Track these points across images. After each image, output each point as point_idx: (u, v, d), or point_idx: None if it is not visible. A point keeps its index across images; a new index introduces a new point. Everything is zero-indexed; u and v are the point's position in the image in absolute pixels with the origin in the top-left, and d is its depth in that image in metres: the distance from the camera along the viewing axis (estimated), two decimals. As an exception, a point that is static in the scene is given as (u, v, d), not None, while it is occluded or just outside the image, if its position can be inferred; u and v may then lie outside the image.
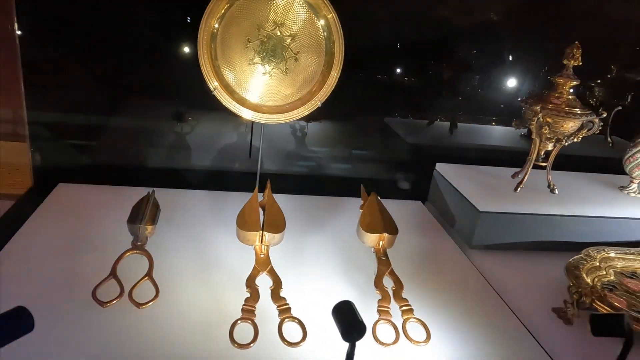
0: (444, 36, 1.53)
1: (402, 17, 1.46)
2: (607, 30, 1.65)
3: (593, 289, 0.86)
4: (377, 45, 1.46)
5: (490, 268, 1.04)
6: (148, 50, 1.18)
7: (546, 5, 1.57)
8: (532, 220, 1.09)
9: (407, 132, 1.56)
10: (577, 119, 1.06)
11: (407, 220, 1.23)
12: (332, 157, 1.53)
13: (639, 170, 1.19)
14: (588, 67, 1.72)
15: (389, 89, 1.54)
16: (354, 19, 1.35)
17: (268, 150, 1.48)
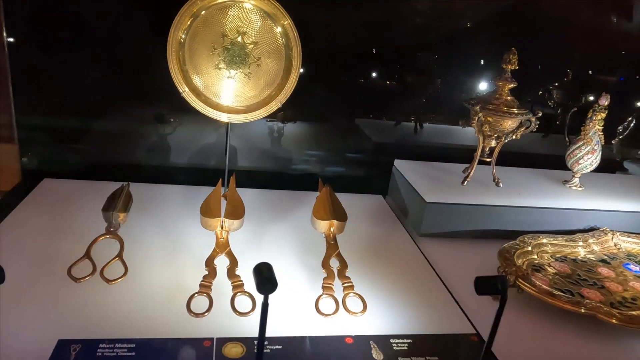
0: (411, 42, 1.64)
1: (374, 23, 1.57)
2: (569, 35, 1.77)
3: (518, 268, 0.97)
4: (351, 50, 1.57)
5: (436, 253, 1.14)
6: (132, 56, 1.28)
7: (510, 11, 1.69)
8: (475, 210, 1.19)
9: (374, 132, 1.66)
10: (515, 118, 1.17)
11: (367, 211, 1.34)
12: (304, 155, 1.64)
13: (578, 166, 1.30)
14: (548, 70, 1.86)
15: (361, 91, 1.65)
16: (327, 25, 1.48)
17: (245, 149, 1.59)
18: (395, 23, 1.58)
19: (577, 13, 1.78)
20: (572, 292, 0.96)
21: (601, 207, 1.28)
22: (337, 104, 1.65)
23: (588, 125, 1.28)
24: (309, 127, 1.70)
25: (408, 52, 1.64)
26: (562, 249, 1.13)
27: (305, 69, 1.54)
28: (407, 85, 1.66)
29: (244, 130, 1.65)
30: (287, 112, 1.65)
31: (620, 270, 1.08)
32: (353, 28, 1.54)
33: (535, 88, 1.89)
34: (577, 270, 1.06)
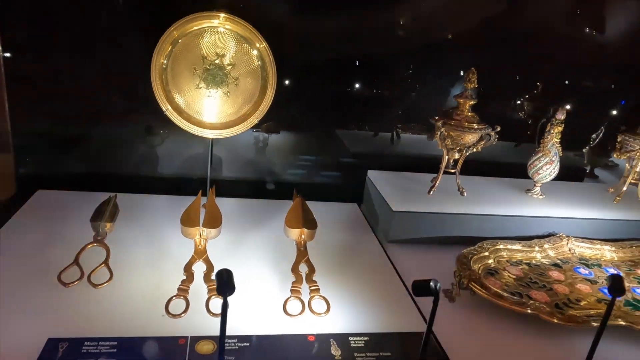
0: (391, 53, 1.73)
1: (356, 34, 1.65)
2: (543, 47, 1.86)
3: (472, 272, 1.06)
4: (334, 62, 1.66)
5: (402, 259, 1.23)
6: (124, 71, 1.36)
7: (486, 24, 1.79)
8: (439, 218, 1.28)
9: (353, 142, 1.75)
10: (475, 133, 1.26)
11: (342, 219, 1.43)
12: (285, 166, 1.73)
13: (538, 175, 1.39)
14: (520, 83, 1.95)
15: (342, 103, 1.74)
16: (310, 37, 1.56)
17: (230, 159, 1.68)
18: (378, 35, 1.67)
19: (551, 25, 1.87)
20: (521, 294, 1.05)
21: (560, 215, 1.37)
22: (319, 115, 1.74)
23: (546, 138, 1.37)
24: (293, 137, 1.79)
25: (388, 64, 1.73)
26: (518, 254, 1.22)
27: (289, 80, 1.65)
28: (386, 97, 1.76)
29: (230, 141, 1.73)
30: (270, 124, 1.74)
31: (571, 273, 1.17)
32: (336, 40, 1.63)
33: (508, 99, 2.00)
34: (529, 273, 1.15)
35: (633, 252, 1.31)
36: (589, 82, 2.00)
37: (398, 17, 1.71)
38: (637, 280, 1.17)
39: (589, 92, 2.03)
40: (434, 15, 1.74)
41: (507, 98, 1.96)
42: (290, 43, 1.59)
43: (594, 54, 1.95)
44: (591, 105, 2.08)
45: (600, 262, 1.25)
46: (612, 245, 1.31)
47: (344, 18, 1.59)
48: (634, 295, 1.11)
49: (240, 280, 1.06)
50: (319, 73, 1.67)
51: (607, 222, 1.40)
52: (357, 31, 1.65)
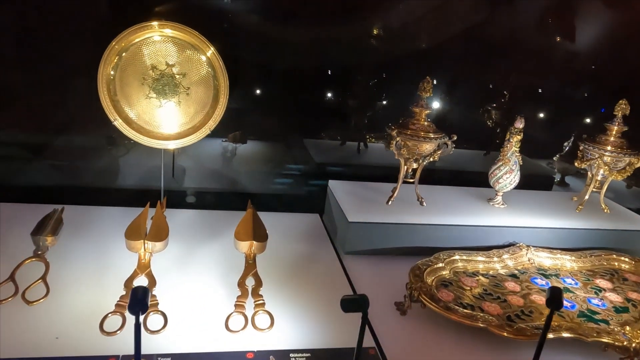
0: (360, 62, 1.73)
1: (325, 43, 1.65)
2: (511, 56, 1.87)
3: (423, 285, 1.04)
4: (302, 71, 1.65)
5: (358, 271, 1.21)
6: (81, 78, 1.31)
7: (459, 34, 1.79)
8: (396, 228, 1.26)
9: (320, 152, 1.74)
10: (432, 142, 1.24)
11: (301, 230, 1.40)
12: (249, 176, 1.71)
13: (499, 184, 1.38)
14: (491, 92, 1.96)
15: (310, 111, 1.74)
16: (280, 45, 1.55)
17: (195, 170, 1.66)
18: (348, 43, 1.67)
19: (524, 34, 1.88)
20: (473, 307, 1.03)
21: (521, 224, 1.36)
22: (287, 124, 1.73)
23: (506, 147, 1.36)
24: (260, 147, 1.77)
25: (357, 72, 1.73)
26: (476, 264, 1.21)
27: (256, 89, 1.64)
28: (354, 105, 1.75)
29: (197, 151, 1.72)
30: (237, 134, 1.72)
31: (527, 284, 1.16)
32: (304, 48, 1.63)
33: (478, 108, 2.00)
34: (485, 285, 1.13)
35: (593, 262, 1.29)
36: (562, 90, 2.02)
37: (369, 26, 1.71)
38: (594, 291, 1.16)
39: (563, 100, 2.04)
40: (406, 25, 1.75)
41: (476, 107, 1.97)
42: (255, 51, 1.59)
43: (567, 63, 1.96)
44: (565, 113, 2.10)
45: (559, 272, 1.23)
46: (573, 254, 1.30)
47: (315, 26, 1.59)
48: (589, 306, 1.09)
49: (184, 294, 1.05)
50: (287, 82, 1.66)
51: (569, 231, 1.39)
52: (331, 39, 1.65)
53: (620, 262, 1.30)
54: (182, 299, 1.00)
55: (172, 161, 1.60)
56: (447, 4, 1.72)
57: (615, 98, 1.49)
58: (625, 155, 1.36)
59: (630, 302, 1.13)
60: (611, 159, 1.38)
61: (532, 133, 2.08)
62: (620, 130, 1.38)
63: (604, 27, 1.95)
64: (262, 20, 1.55)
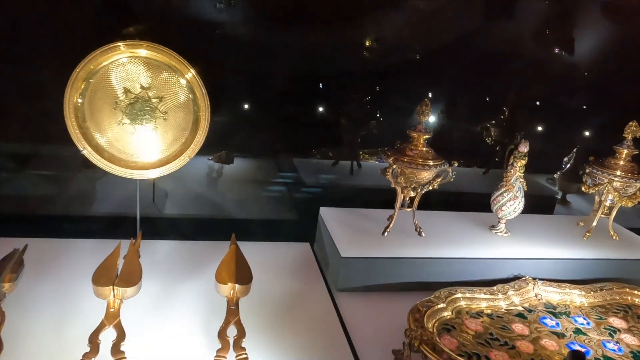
0: (353, 77, 1.64)
1: (317, 60, 1.56)
2: (511, 71, 1.79)
3: (423, 332, 0.94)
4: (290, 88, 1.56)
5: (352, 310, 1.11)
6: None
7: (453, 48, 1.71)
8: (393, 263, 1.17)
9: (309, 173, 1.64)
10: (431, 170, 1.15)
11: (289, 262, 1.30)
12: (237, 199, 1.61)
13: (502, 212, 1.29)
14: (487, 107, 1.87)
15: (300, 130, 1.64)
16: (270, 60, 1.46)
17: (178, 193, 1.55)
18: (341, 59, 1.58)
19: (521, 47, 1.80)
20: (479, 356, 0.94)
21: (526, 255, 1.27)
22: (276, 143, 1.63)
23: (509, 172, 1.27)
24: (247, 168, 1.67)
25: (349, 87, 1.64)
26: (480, 303, 1.11)
27: (245, 105, 1.54)
28: (347, 123, 1.66)
29: (180, 173, 1.59)
30: (223, 154, 1.62)
31: (536, 326, 1.06)
32: (295, 63, 1.54)
33: (476, 124, 1.91)
34: (490, 327, 1.03)
35: (604, 296, 1.20)
36: (562, 104, 1.94)
37: (364, 40, 1.62)
38: (609, 332, 1.07)
39: (563, 114, 1.96)
40: (402, 39, 1.67)
41: (475, 123, 1.89)
42: (243, 66, 1.49)
43: (567, 76, 1.89)
44: (565, 128, 2.02)
45: (569, 310, 1.14)
46: (582, 289, 1.21)
47: (307, 40, 1.51)
48: (604, 351, 1.00)
49: (158, 347, 0.93)
50: (277, 98, 1.57)
51: (576, 262, 1.30)
52: (323, 53, 1.57)
53: (633, 296, 1.21)
54: (155, 352, 0.90)
55: (152, 185, 1.50)
56: (446, 17, 1.64)
57: (617, 112, 1.42)
58: (636, 181, 1.28)
59: (648, 345, 1.04)
60: (621, 184, 1.29)
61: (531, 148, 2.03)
62: (631, 154, 1.30)
63: (604, 40, 1.87)
64: (251, 34, 1.46)
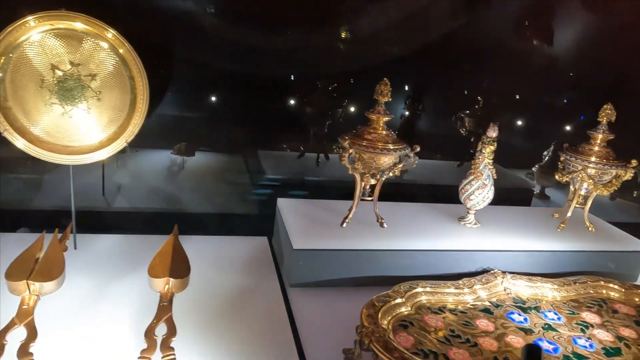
0: (320, 68, 1.56)
1: (283, 50, 1.48)
2: (485, 62, 1.73)
3: (376, 328, 0.85)
4: (258, 77, 1.48)
5: (305, 307, 1.02)
6: None
7: (425, 38, 1.64)
8: (351, 256, 1.08)
9: (274, 165, 1.55)
10: (391, 154, 1.07)
11: (243, 257, 1.21)
12: (195, 193, 1.52)
13: (470, 202, 1.21)
14: (462, 97, 1.81)
15: (266, 121, 1.56)
16: (234, 48, 1.38)
17: (133, 186, 1.46)
18: (308, 51, 1.51)
19: (496, 39, 1.74)
20: (437, 355, 0.85)
21: (496, 247, 1.19)
22: (241, 134, 1.55)
23: (478, 159, 1.19)
24: (210, 159, 1.59)
25: (316, 78, 1.56)
26: (443, 297, 1.02)
27: (208, 96, 1.46)
28: (313, 113, 1.58)
29: (139, 166, 1.52)
30: (182, 145, 1.53)
31: (502, 321, 0.98)
32: (260, 51, 1.46)
33: (450, 116, 1.84)
34: (452, 324, 0.95)
35: (578, 290, 1.12)
36: (541, 96, 1.88)
37: (332, 28, 1.54)
38: (581, 328, 0.99)
39: (542, 107, 1.90)
40: (372, 27, 1.59)
41: (449, 114, 1.82)
42: (205, 54, 1.41)
43: (546, 68, 1.83)
44: (544, 120, 1.96)
45: (539, 305, 1.06)
46: (555, 282, 1.13)
47: (272, 27, 1.43)
48: (574, 348, 0.92)
49: (75, 349, 0.81)
50: (241, 88, 1.49)
51: (550, 254, 1.22)
52: (290, 46, 1.49)
53: (608, 289, 1.13)
54: (70, 354, 0.80)
55: (102, 177, 1.41)
56: (418, 6, 1.57)
57: (598, 104, 1.36)
58: (611, 167, 1.21)
59: (622, 340, 0.96)
60: (596, 171, 1.22)
61: (510, 142, 1.96)
62: (606, 139, 1.22)
63: (583, 31, 1.82)
64: (213, 25, 1.38)
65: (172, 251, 0.93)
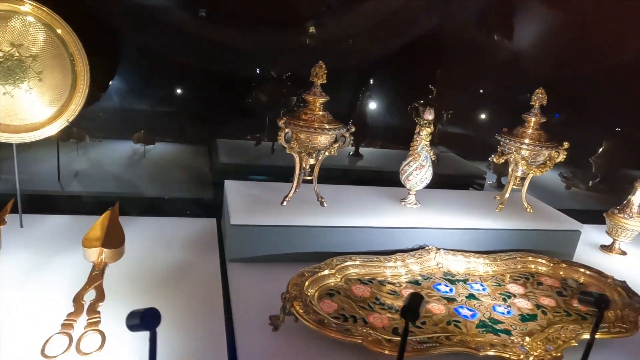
0: (272, 59, 1.61)
1: (239, 37, 1.52)
2: (442, 53, 1.78)
3: (299, 295, 0.89)
4: (216, 68, 1.52)
5: (242, 281, 1.05)
6: None
7: (382, 29, 1.69)
8: (288, 232, 1.12)
9: (230, 152, 1.59)
10: (327, 134, 1.11)
11: (189, 236, 1.24)
12: (152, 179, 1.55)
13: (409, 182, 1.25)
14: (416, 86, 1.86)
15: (226, 110, 1.60)
16: (192, 39, 1.42)
17: (89, 173, 1.50)
18: (264, 36, 1.55)
19: (450, 30, 1.79)
20: (356, 319, 0.89)
21: (434, 225, 1.23)
22: (202, 124, 1.60)
23: (415, 141, 1.24)
24: (171, 148, 1.63)
25: (273, 67, 1.60)
26: (374, 270, 1.07)
27: (171, 87, 1.51)
28: (267, 102, 1.62)
29: (99, 152, 1.56)
30: (141, 133, 1.57)
31: (428, 291, 1.02)
32: (217, 42, 1.50)
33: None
34: (378, 293, 0.99)
35: (508, 265, 1.17)
36: (500, 87, 1.93)
37: (288, 16, 1.59)
38: (503, 297, 1.04)
39: (500, 97, 1.95)
40: (327, 15, 1.64)
41: (403, 104, 1.86)
42: (163, 44, 1.45)
43: (511, 64, 1.88)
44: (503, 111, 2.01)
45: (468, 278, 1.11)
46: (488, 257, 1.18)
47: (228, 18, 1.48)
48: (492, 314, 0.97)
49: (8, 317, 0.85)
50: (200, 79, 1.53)
51: (486, 232, 1.26)
52: (241, 32, 1.53)
53: (537, 264, 1.18)
54: (0, 320, 0.83)
55: (57, 162, 1.44)
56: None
57: (555, 94, 1.41)
58: (543, 149, 1.26)
59: (540, 308, 1.01)
60: (529, 152, 1.27)
61: (468, 133, 2.01)
62: (539, 122, 1.28)
63: (536, 24, 1.88)
64: (171, 17, 1.42)
65: (107, 224, 0.97)
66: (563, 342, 0.87)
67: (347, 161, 1.73)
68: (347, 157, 1.74)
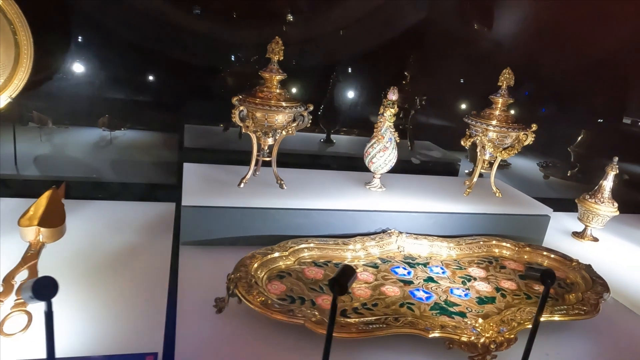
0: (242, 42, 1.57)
1: (206, 22, 1.49)
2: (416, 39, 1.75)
3: (244, 276, 0.85)
4: (184, 54, 1.48)
5: (192, 263, 1.01)
6: None
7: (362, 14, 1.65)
8: (243, 213, 1.08)
9: (196, 137, 1.55)
10: (285, 112, 1.07)
11: (146, 220, 1.20)
12: (116, 164, 1.51)
13: (373, 165, 1.21)
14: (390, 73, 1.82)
15: (192, 97, 1.56)
16: (158, 24, 1.39)
17: (49, 157, 1.46)
18: (233, 20, 1.52)
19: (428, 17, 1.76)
20: (304, 300, 0.86)
21: (397, 208, 1.20)
22: (171, 110, 1.56)
23: (379, 122, 1.20)
24: (139, 134, 1.59)
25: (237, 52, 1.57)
26: (331, 253, 1.03)
27: (141, 74, 1.47)
28: (234, 86, 1.58)
29: (64, 138, 1.52)
30: (105, 118, 1.53)
31: (384, 274, 0.99)
32: (184, 28, 1.46)
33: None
34: (331, 275, 0.95)
35: (472, 249, 1.14)
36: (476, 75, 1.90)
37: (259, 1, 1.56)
38: (462, 280, 1.00)
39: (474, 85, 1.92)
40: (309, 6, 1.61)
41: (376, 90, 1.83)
42: (130, 29, 1.42)
43: (489, 51, 1.85)
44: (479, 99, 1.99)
45: (429, 261, 1.07)
46: (451, 241, 1.14)
47: None
48: (449, 297, 0.93)
49: None
50: (168, 65, 1.49)
51: (451, 216, 1.23)
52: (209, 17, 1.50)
53: (502, 248, 1.15)
54: None
55: (14, 147, 1.40)
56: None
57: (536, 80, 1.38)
58: (511, 130, 1.22)
59: (500, 291, 0.97)
60: (497, 134, 1.23)
61: (443, 121, 1.98)
62: (506, 103, 1.24)
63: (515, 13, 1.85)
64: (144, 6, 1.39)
65: (46, 203, 0.92)
66: (518, 324, 0.83)
67: (317, 147, 1.69)
68: (317, 143, 1.70)
